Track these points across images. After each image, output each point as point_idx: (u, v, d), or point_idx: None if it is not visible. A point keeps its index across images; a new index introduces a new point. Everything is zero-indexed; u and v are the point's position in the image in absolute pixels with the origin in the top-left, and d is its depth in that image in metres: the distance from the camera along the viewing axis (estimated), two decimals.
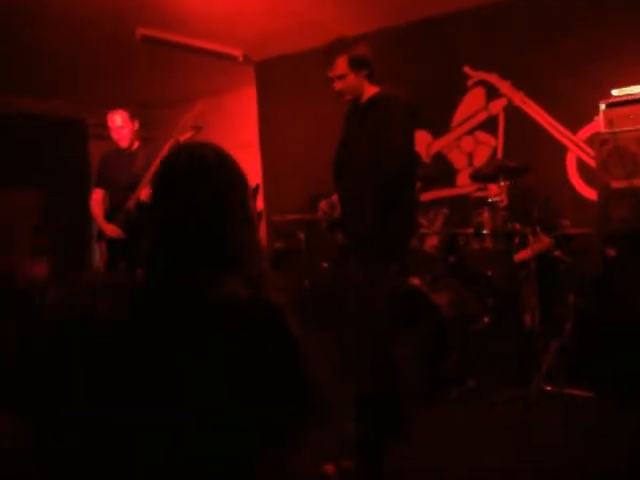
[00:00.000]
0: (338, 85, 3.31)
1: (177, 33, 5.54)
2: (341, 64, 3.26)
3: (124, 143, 4.47)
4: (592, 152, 4.62)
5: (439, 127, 5.50)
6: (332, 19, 5.30)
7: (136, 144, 4.51)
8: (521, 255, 4.13)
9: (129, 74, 6.42)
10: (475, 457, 3.05)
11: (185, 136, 4.30)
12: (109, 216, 4.47)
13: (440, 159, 5.56)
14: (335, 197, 3.37)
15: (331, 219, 3.35)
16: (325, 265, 5.07)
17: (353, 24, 5.23)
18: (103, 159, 4.68)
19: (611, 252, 4.10)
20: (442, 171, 5.46)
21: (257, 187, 6.66)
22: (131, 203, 4.30)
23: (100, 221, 4.48)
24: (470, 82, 5.39)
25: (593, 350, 3.82)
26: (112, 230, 4.39)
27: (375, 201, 3.10)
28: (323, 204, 3.37)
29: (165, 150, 4.23)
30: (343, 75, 3.27)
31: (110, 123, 4.47)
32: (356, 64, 3.26)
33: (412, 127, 3.31)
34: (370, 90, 3.33)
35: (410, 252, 3.43)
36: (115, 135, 4.48)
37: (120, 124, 4.43)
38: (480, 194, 4.46)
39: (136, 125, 4.49)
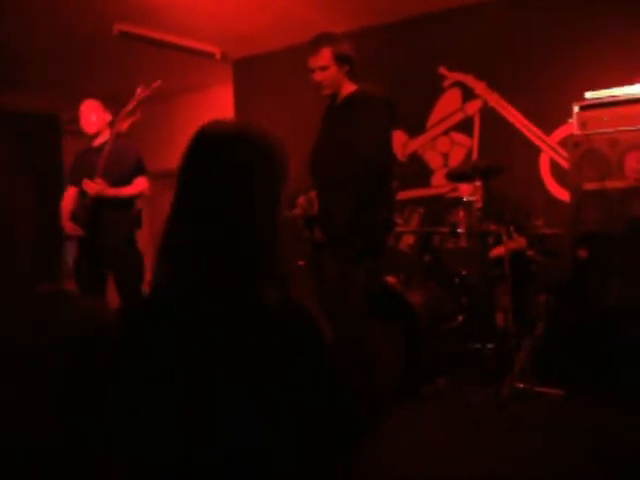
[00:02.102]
0: (318, 76, 3.32)
1: (155, 29, 5.51)
2: (325, 55, 3.28)
3: (91, 129, 4.40)
4: (565, 154, 4.68)
5: (415, 127, 5.53)
6: (311, 18, 5.31)
7: (104, 137, 4.40)
8: (495, 253, 4.18)
9: (106, 70, 6.36)
10: (447, 455, 3.07)
11: (125, 125, 4.26)
12: (75, 214, 4.40)
13: (415, 159, 5.59)
14: (313, 193, 3.38)
15: (309, 215, 3.36)
16: (301, 263, 5.08)
17: (332, 23, 5.23)
18: (76, 156, 4.64)
19: (582, 253, 4.15)
20: (417, 171, 5.50)
21: None
22: (88, 200, 4.25)
23: (64, 219, 4.42)
24: (446, 83, 5.43)
25: (564, 349, 3.88)
26: (70, 228, 4.33)
27: (352, 199, 3.12)
28: (302, 199, 3.37)
29: (109, 143, 4.17)
30: (325, 66, 3.29)
31: (81, 108, 4.42)
32: (339, 58, 3.29)
33: (390, 126, 3.34)
34: (349, 88, 3.35)
35: (386, 250, 3.45)
36: (82, 120, 4.41)
37: (89, 109, 4.38)
38: (455, 194, 4.50)
39: (107, 117, 4.42)
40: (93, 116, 4.40)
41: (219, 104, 6.96)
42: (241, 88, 6.65)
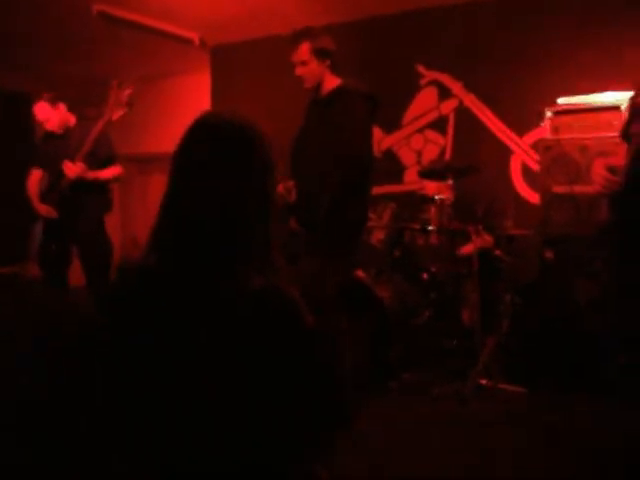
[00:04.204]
0: (299, 70, 3.36)
1: (134, 12, 5.46)
2: (304, 50, 3.32)
3: (58, 130, 4.42)
4: (536, 157, 4.76)
5: (390, 123, 5.57)
6: (290, 9, 5.32)
7: (71, 123, 4.44)
8: (463, 250, 4.25)
9: (83, 51, 6.29)
10: (409, 450, 3.11)
11: (118, 114, 4.26)
12: (44, 196, 4.41)
13: (390, 155, 5.64)
14: (291, 183, 3.39)
15: (287, 203, 3.38)
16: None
17: (311, 16, 5.26)
18: (41, 139, 4.61)
19: (549, 254, 4.23)
20: (391, 167, 5.55)
21: None
22: (64, 182, 4.25)
23: (35, 201, 4.41)
24: (423, 81, 5.48)
25: (528, 348, 3.96)
26: (45, 210, 4.33)
27: (331, 193, 3.14)
28: (280, 187, 3.39)
29: (97, 129, 4.18)
30: (305, 61, 3.32)
31: (37, 116, 4.40)
32: (319, 53, 3.32)
33: (372, 121, 3.38)
34: (332, 82, 3.37)
35: (360, 246, 3.49)
36: (47, 127, 4.42)
37: (44, 117, 4.37)
38: (427, 191, 4.55)
39: (61, 108, 4.41)
40: (52, 119, 4.39)
41: (196, 90, 6.93)
42: (218, 75, 6.63)
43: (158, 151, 7.23)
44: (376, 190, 5.06)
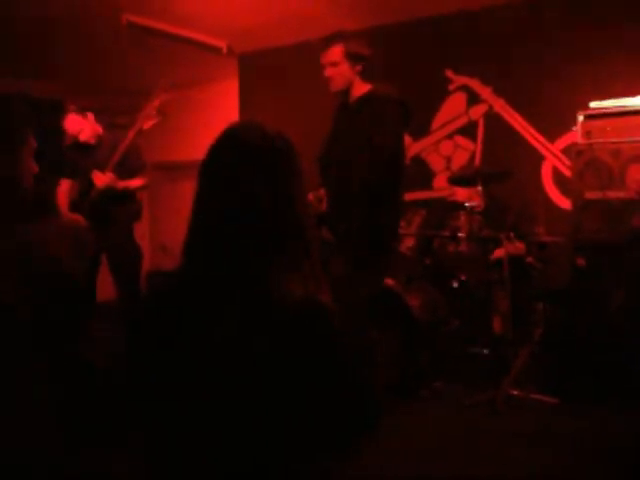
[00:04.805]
0: (329, 72, 3.33)
1: (162, 21, 5.50)
2: (336, 51, 3.29)
3: (91, 140, 4.45)
4: (568, 162, 4.69)
5: (419, 129, 5.53)
6: (319, 15, 5.31)
7: (99, 133, 4.47)
8: (495, 256, 4.19)
9: (113, 61, 6.35)
10: (440, 459, 3.08)
11: (150, 123, 4.29)
12: (75, 206, 4.45)
13: (418, 161, 5.60)
14: (322, 191, 3.37)
15: (318, 212, 3.36)
16: None
17: (340, 21, 5.23)
18: (70, 148, 4.65)
19: (581, 262, 4.16)
20: (420, 173, 5.51)
21: None
22: (94, 192, 4.28)
23: (64, 211, 4.45)
24: (452, 86, 5.44)
25: (561, 357, 3.89)
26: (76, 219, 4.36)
27: (363, 201, 3.12)
28: (311, 196, 3.37)
29: (129, 138, 4.21)
30: (336, 62, 3.29)
31: (69, 129, 4.43)
32: (351, 56, 3.29)
33: (403, 128, 3.34)
34: (362, 87, 3.35)
35: (392, 255, 3.46)
36: (81, 138, 4.44)
37: (77, 128, 4.40)
38: (457, 198, 4.51)
39: (91, 118, 4.44)
40: (84, 126, 4.42)
41: (224, 98, 6.96)
42: (246, 83, 6.66)
43: (187, 159, 7.29)
44: (406, 197, 5.06)
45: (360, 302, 3.14)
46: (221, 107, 6.99)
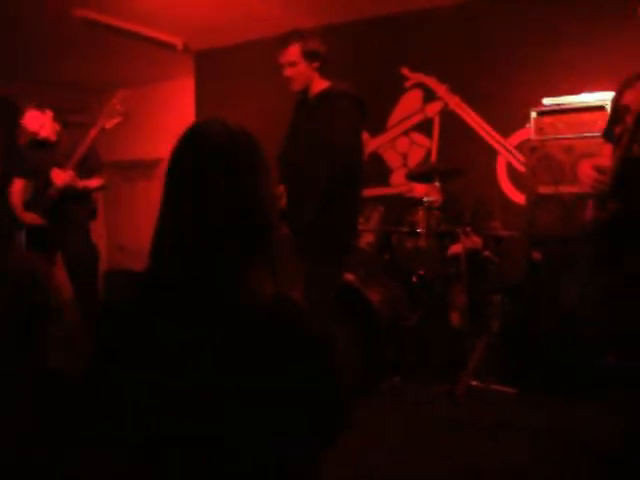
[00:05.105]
0: (288, 72, 3.34)
1: (117, 17, 5.43)
2: (293, 51, 3.30)
3: (51, 137, 4.37)
4: (522, 158, 4.79)
5: (376, 126, 5.57)
6: (275, 13, 5.31)
7: (58, 130, 4.41)
8: (452, 251, 4.26)
9: (67, 57, 6.24)
10: (401, 452, 3.11)
11: (112, 123, 4.25)
12: (29, 205, 4.37)
13: (375, 158, 5.65)
14: (281, 187, 3.37)
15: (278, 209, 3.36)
16: None
17: (296, 19, 5.24)
18: (23, 148, 4.56)
19: (537, 255, 4.26)
20: (377, 170, 5.55)
21: None
22: (52, 190, 4.21)
23: (18, 210, 4.38)
24: (408, 84, 5.49)
25: (518, 349, 3.97)
26: (31, 218, 4.30)
27: (321, 196, 3.13)
28: None
29: (91, 137, 4.17)
30: (293, 62, 3.31)
31: (29, 125, 4.34)
32: (308, 55, 3.31)
33: (361, 124, 3.36)
34: (320, 84, 3.36)
35: (352, 250, 3.48)
36: (42, 134, 4.35)
37: (38, 125, 4.31)
38: (415, 194, 4.56)
39: (49, 115, 4.37)
40: (44, 123, 4.34)
41: (180, 97, 6.90)
42: (202, 81, 6.61)
43: (143, 158, 7.22)
44: (364, 193, 5.10)
45: (320, 299, 3.16)
46: (177, 105, 6.94)
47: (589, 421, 3.34)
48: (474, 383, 3.83)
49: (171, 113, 6.90)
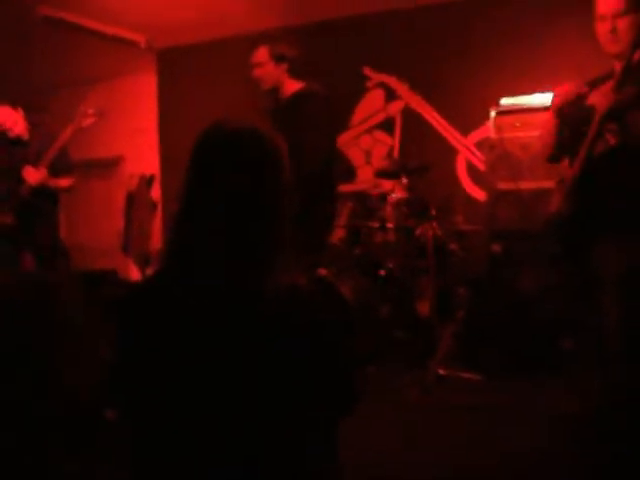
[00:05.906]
0: (256, 72, 3.48)
1: (79, 14, 5.42)
2: (262, 52, 3.46)
3: (25, 134, 4.34)
4: (481, 155, 4.98)
5: (340, 124, 5.70)
6: (239, 12, 5.39)
7: (29, 128, 4.37)
8: (419, 239, 4.42)
9: (29, 54, 6.17)
10: (376, 444, 3.14)
11: (88, 122, 4.27)
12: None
13: (339, 155, 5.77)
14: None
15: None
16: None
17: (259, 19, 5.35)
18: None
19: (497, 248, 4.45)
20: (342, 167, 5.68)
21: (152, 177, 6.61)
22: (24, 188, 4.21)
23: None
24: (370, 83, 5.64)
25: (482, 337, 4.16)
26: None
27: (297, 194, 3.23)
28: None
29: (65, 136, 4.18)
30: (261, 63, 3.44)
31: (2, 122, 4.28)
32: (276, 57, 3.43)
33: (334, 125, 3.50)
34: (292, 86, 3.48)
35: (327, 246, 3.60)
36: (15, 131, 4.32)
37: (11, 122, 4.27)
38: (383, 190, 4.71)
39: (21, 112, 4.35)
40: (18, 119, 4.31)
41: (142, 93, 6.88)
42: (165, 78, 6.64)
43: (102, 156, 7.15)
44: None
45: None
46: (138, 103, 6.92)
47: (552, 398, 3.50)
48: (442, 371, 3.99)
49: (133, 111, 6.88)
